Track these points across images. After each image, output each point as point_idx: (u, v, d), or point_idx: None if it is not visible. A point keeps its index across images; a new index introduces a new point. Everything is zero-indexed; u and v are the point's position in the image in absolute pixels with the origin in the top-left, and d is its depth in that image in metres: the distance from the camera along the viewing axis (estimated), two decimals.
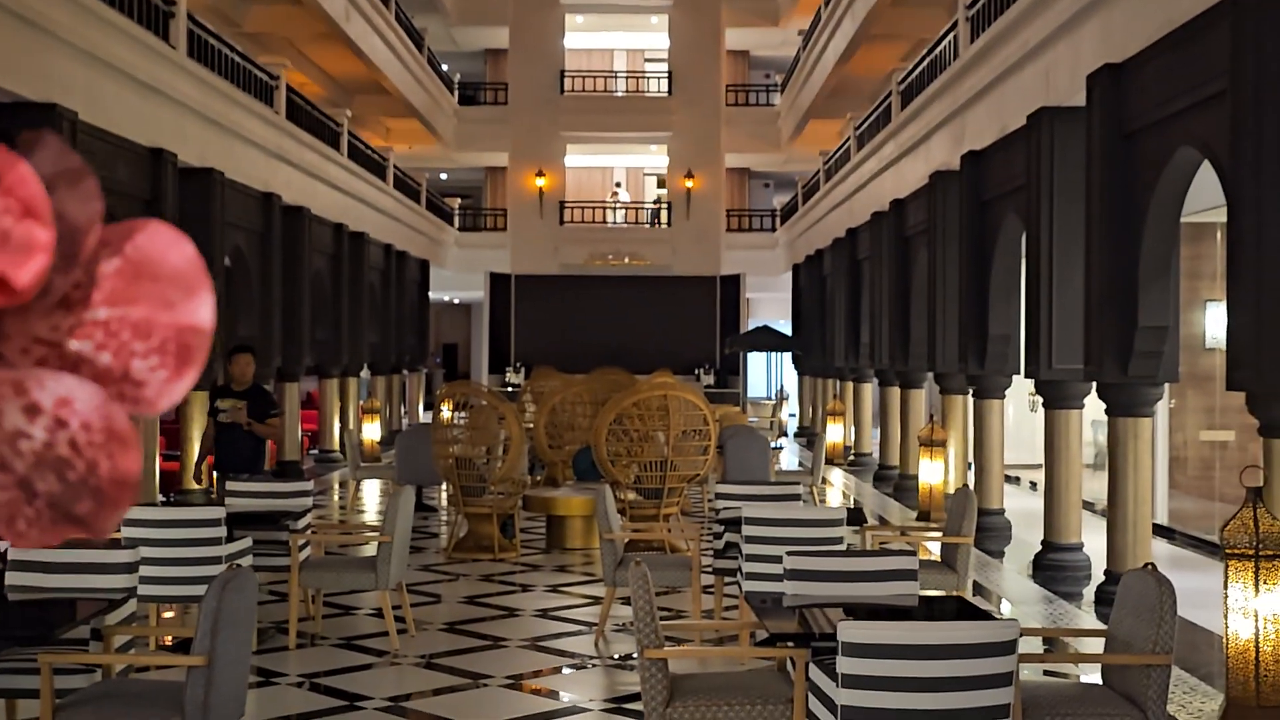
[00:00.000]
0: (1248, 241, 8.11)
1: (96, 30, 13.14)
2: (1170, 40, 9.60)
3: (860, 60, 26.90)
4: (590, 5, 37.48)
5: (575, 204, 37.75)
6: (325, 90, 30.61)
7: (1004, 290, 14.60)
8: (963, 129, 15.79)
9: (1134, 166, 10.45)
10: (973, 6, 15.50)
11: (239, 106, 18.02)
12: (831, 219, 26.63)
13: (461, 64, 40.88)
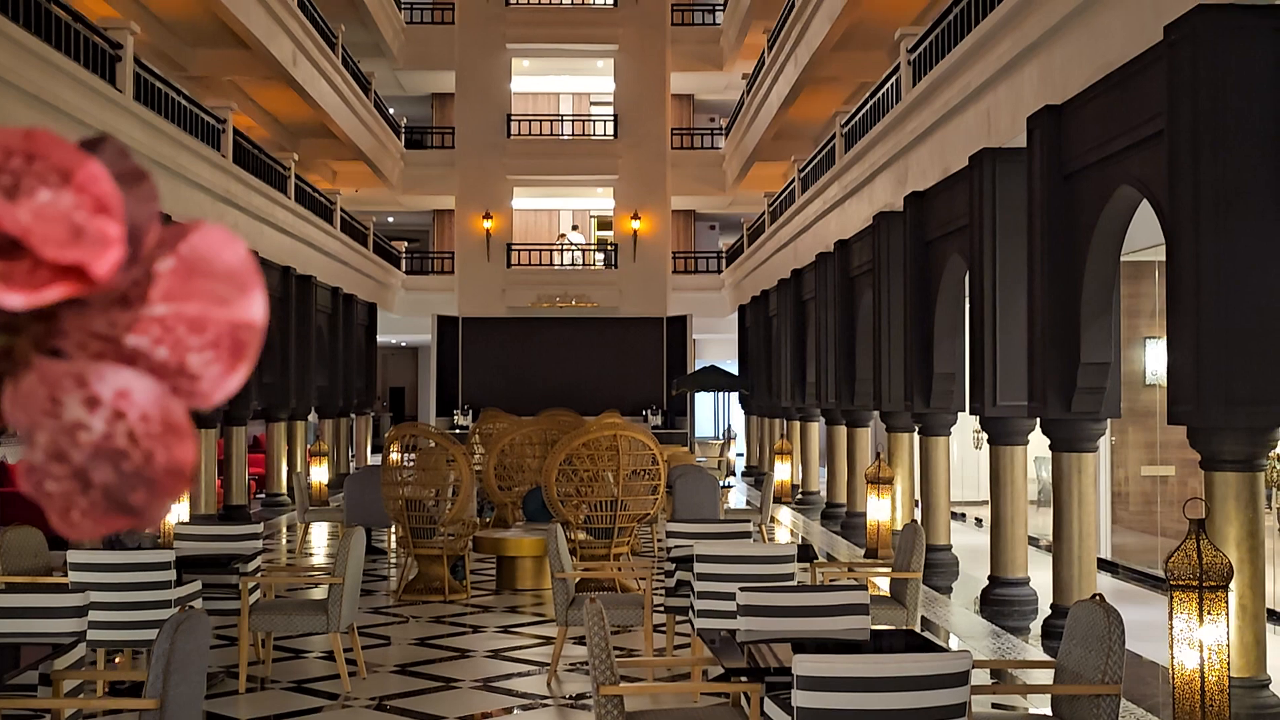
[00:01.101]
0: (1186, 279, 8.28)
1: (41, 73, 13.10)
2: (1108, 82, 9.80)
3: (804, 104, 27.21)
4: (536, 50, 37.69)
5: (522, 246, 37.81)
6: (272, 133, 30.58)
7: (948, 329, 14.77)
8: (906, 170, 15.99)
9: (1074, 206, 10.64)
10: (914, 50, 15.74)
11: (186, 150, 17.98)
12: (777, 260, 26.82)
13: (408, 108, 40.96)
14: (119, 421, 0.59)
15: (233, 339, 0.61)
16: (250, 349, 0.63)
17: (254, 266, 0.65)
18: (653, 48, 37.42)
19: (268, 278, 22.33)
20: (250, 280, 0.64)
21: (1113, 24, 9.74)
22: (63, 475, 0.59)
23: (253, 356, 0.65)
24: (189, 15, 21.70)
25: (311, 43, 26.06)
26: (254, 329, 0.63)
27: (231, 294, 0.62)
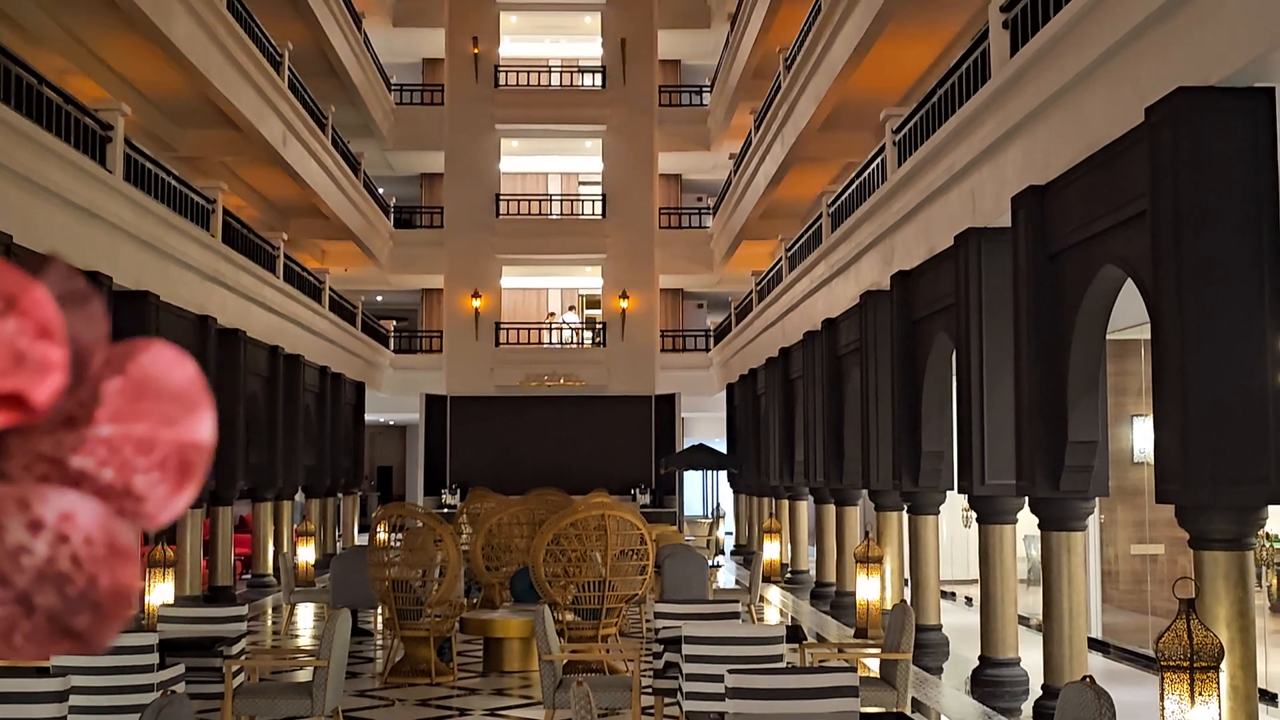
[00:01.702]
0: (1171, 358, 8.30)
1: (33, 154, 13.16)
2: (1091, 163, 9.89)
3: (791, 183, 27.41)
4: (525, 130, 38.00)
5: (511, 325, 37.87)
6: (262, 213, 30.70)
7: (936, 407, 14.77)
8: (892, 249, 16.08)
9: (1060, 285, 10.69)
10: (899, 131, 15.89)
11: (175, 230, 18.03)
12: (764, 338, 26.88)
13: (398, 188, 41.20)
14: (63, 545, 0.58)
15: (180, 460, 0.60)
16: (198, 470, 0.62)
17: (203, 386, 0.64)
18: (640, 128, 37.75)
19: (255, 357, 22.33)
20: (199, 400, 0.63)
21: (1094, 106, 9.85)
22: (5, 599, 0.58)
23: (200, 477, 0.64)
24: (180, 96, 21.85)
25: (302, 123, 26.24)
26: (202, 449, 0.62)
27: (179, 414, 0.62)
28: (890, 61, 19.56)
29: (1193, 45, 8.29)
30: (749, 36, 29.87)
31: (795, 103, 24.29)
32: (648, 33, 38.16)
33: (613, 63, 37.98)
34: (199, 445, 0.63)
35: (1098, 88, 9.78)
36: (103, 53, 20.14)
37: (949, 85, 13.72)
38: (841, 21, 19.73)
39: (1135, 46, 9.07)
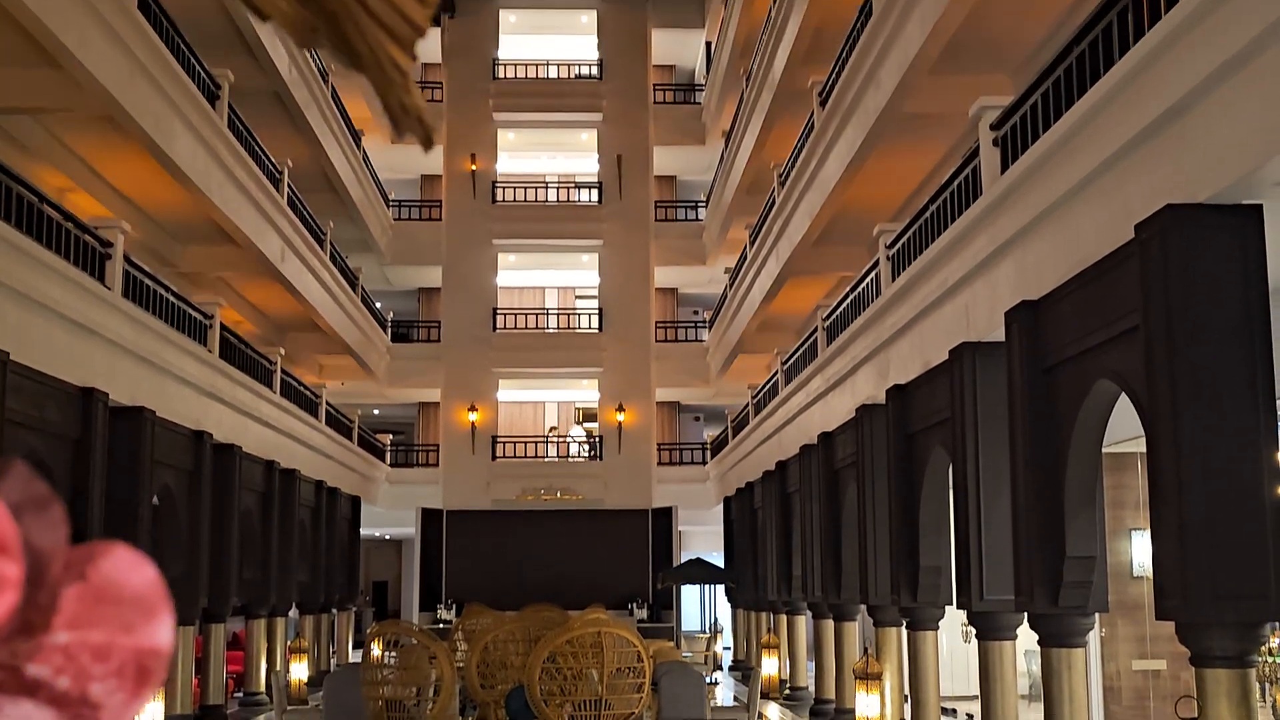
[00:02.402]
0: (1167, 472, 8.29)
1: (32, 271, 13.24)
2: (1083, 278, 9.96)
3: (786, 296, 27.56)
4: (522, 245, 38.30)
5: (507, 439, 37.83)
6: (259, 327, 30.81)
7: (933, 522, 14.71)
8: (887, 363, 16.12)
9: (1054, 399, 10.70)
10: (893, 246, 16.02)
11: (172, 345, 18.09)
12: (761, 452, 26.84)
13: (395, 302, 41.41)
14: None
15: (138, 666, 0.60)
16: (156, 675, 0.61)
17: (163, 590, 0.64)
18: (637, 243, 38.06)
19: (251, 472, 22.26)
20: (158, 605, 0.63)
21: (1085, 222, 9.94)
22: None
23: (158, 682, 0.63)
24: (180, 213, 22.03)
25: (300, 239, 26.45)
26: (160, 655, 0.62)
27: (138, 620, 0.61)
28: (883, 178, 19.78)
29: (1180, 163, 8.40)
30: (743, 153, 30.23)
31: (789, 218, 24.52)
32: (643, 149, 38.65)
33: (609, 178, 38.41)
34: (157, 651, 0.63)
35: (1088, 204, 9.88)
36: (103, 170, 20.36)
37: (941, 201, 13.87)
38: (834, 139, 19.99)
39: (1123, 164, 9.19)
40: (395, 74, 0.89)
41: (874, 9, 16.65)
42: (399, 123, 0.94)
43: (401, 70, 0.90)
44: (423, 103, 0.92)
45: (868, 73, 17.32)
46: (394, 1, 0.88)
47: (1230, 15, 7.62)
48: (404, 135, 0.98)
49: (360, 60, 0.82)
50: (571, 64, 39.30)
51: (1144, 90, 8.69)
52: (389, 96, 0.91)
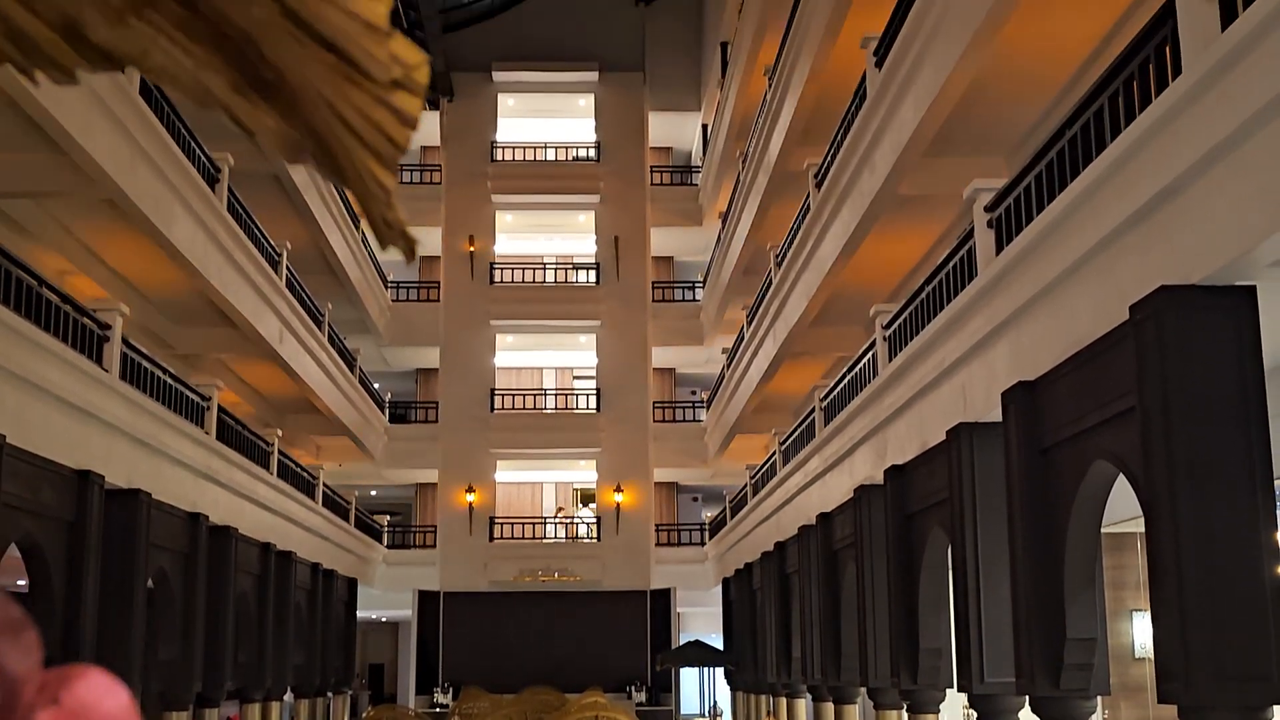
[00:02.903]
0: (1166, 553, 8.26)
1: (30, 354, 13.27)
2: (1079, 358, 9.99)
3: (783, 377, 27.57)
4: (520, 326, 38.41)
5: (505, 519, 37.68)
6: (257, 409, 30.79)
7: (933, 603, 14.62)
8: (885, 444, 16.11)
9: (1052, 480, 10.69)
10: (889, 327, 16.06)
11: (169, 427, 18.07)
12: (760, 532, 26.74)
13: (393, 383, 41.41)
14: None
15: None
16: None
17: (135, 712, 0.64)
18: (634, 323, 38.17)
19: (247, 555, 22.15)
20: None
21: (1080, 303, 9.99)
22: None
23: None
24: (178, 295, 22.11)
25: (299, 321, 26.51)
26: None
27: None
28: (879, 258, 19.88)
29: (1172, 245, 8.45)
30: (740, 234, 30.40)
31: (786, 299, 24.61)
32: (641, 230, 38.88)
33: (606, 259, 38.59)
34: None
35: (1082, 285, 9.93)
36: (103, 252, 20.45)
37: (937, 282, 13.93)
38: (830, 221, 20.11)
39: (1117, 246, 9.25)
40: (378, 190, 0.91)
41: (868, 93, 16.83)
42: (382, 236, 0.96)
43: (384, 186, 0.92)
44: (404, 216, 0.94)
45: (863, 155, 17.47)
46: (376, 121, 0.91)
47: (1219, 100, 7.71)
48: (387, 247, 1.00)
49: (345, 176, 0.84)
50: (569, 146, 39.65)
51: (1136, 173, 8.77)
52: (372, 210, 0.93)
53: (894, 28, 15.47)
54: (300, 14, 0.89)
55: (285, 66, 0.91)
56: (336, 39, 0.89)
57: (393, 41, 0.92)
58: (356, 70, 0.89)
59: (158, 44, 1.00)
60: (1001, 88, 14.00)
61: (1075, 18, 12.49)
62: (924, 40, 14.29)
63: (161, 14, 0.97)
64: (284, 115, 0.90)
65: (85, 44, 1.01)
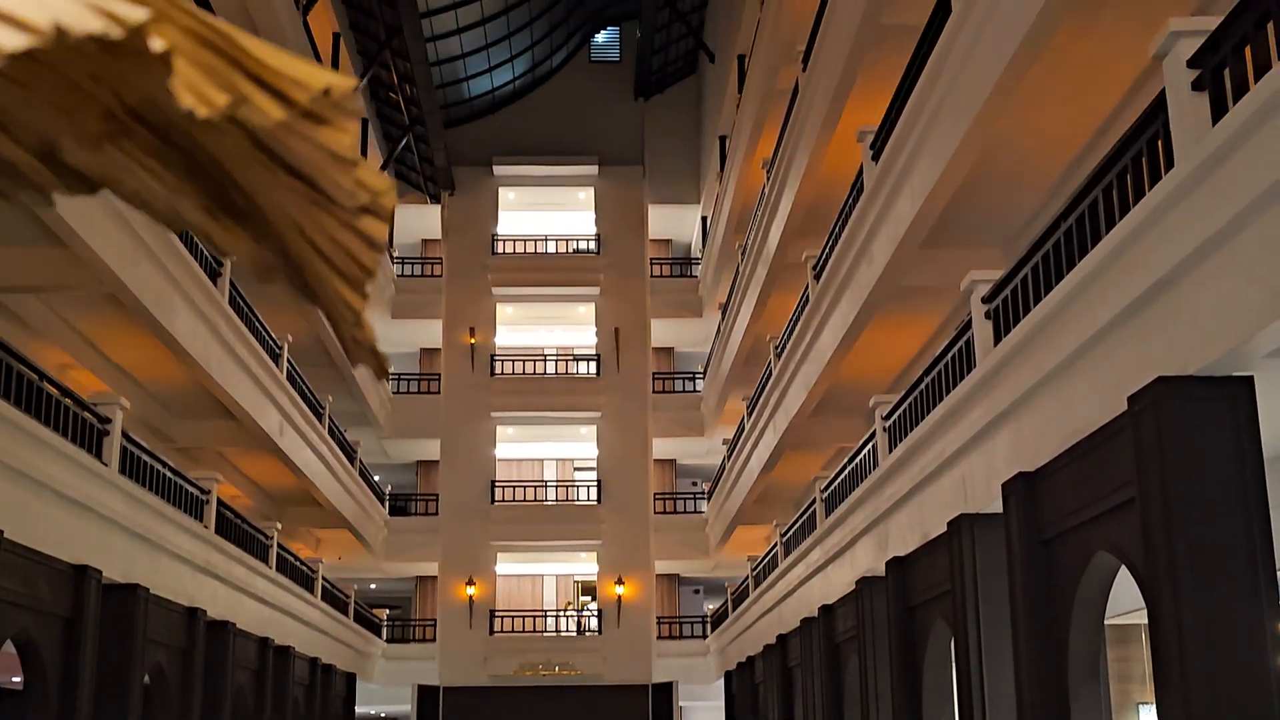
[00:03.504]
0: (1170, 645, 8.19)
1: (30, 449, 13.26)
2: (1078, 449, 9.97)
3: (784, 467, 27.50)
4: (520, 418, 38.41)
5: (505, 613, 37.40)
6: (256, 501, 30.68)
7: (936, 697, 14.48)
8: (886, 535, 16.04)
9: (1054, 571, 10.62)
10: (889, 417, 16.06)
11: (168, 521, 18.00)
12: (762, 625, 26.53)
13: (393, 475, 41.30)
14: None
15: None
16: None
17: None
18: (635, 415, 38.16)
19: (245, 649, 21.96)
20: None
21: (1078, 394, 9.99)
22: None
23: None
24: (179, 388, 22.11)
25: (299, 413, 26.50)
26: None
27: None
28: (878, 349, 19.91)
29: (1169, 336, 8.48)
30: (740, 325, 30.49)
31: (786, 390, 24.62)
32: (641, 322, 39.01)
33: (607, 351, 38.68)
34: None
35: (1080, 376, 9.94)
36: (104, 346, 20.49)
37: (936, 373, 13.94)
38: (829, 312, 20.18)
39: (1114, 337, 9.27)
40: (346, 311, 0.92)
41: (865, 185, 16.97)
42: (352, 354, 0.97)
43: (352, 307, 0.93)
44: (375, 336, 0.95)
45: (860, 247, 17.58)
46: (344, 244, 0.92)
47: (1212, 193, 7.77)
48: (357, 365, 1.01)
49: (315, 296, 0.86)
50: (570, 239, 39.90)
51: (1131, 264, 8.81)
52: (342, 330, 0.95)
53: (890, 121, 15.64)
54: (269, 145, 0.91)
55: (256, 192, 0.93)
56: (304, 168, 0.91)
57: (359, 170, 0.94)
58: (324, 197, 0.91)
59: (132, 169, 1.02)
60: (997, 180, 14.12)
61: (1069, 110, 12.63)
62: (920, 133, 14.43)
63: (136, 141, 0.99)
64: (256, 238, 0.91)
65: (62, 168, 1.03)
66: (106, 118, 1.00)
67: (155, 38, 0.96)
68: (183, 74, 0.95)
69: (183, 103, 0.94)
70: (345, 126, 0.98)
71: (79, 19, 0.96)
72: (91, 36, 0.94)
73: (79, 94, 1.01)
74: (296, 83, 0.96)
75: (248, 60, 0.97)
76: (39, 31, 0.95)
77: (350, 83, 1.01)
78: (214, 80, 0.96)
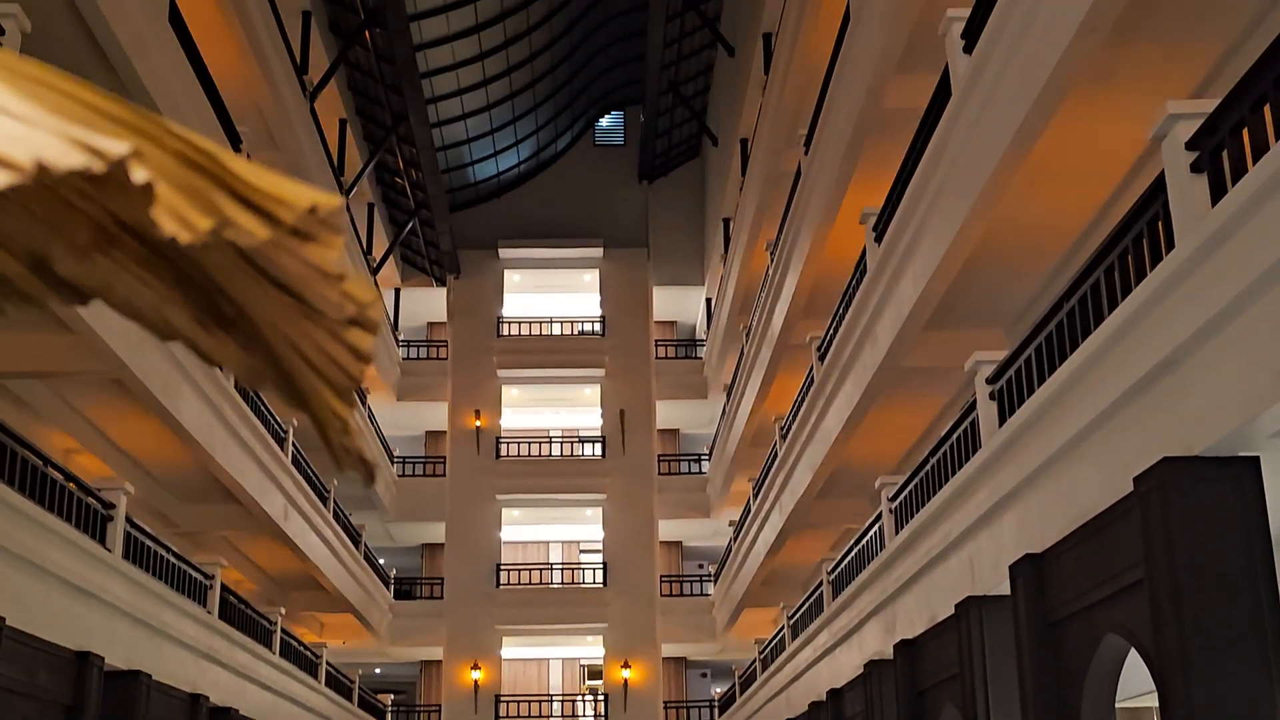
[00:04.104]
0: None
1: (33, 535, 13.22)
2: (1085, 530, 9.92)
3: (791, 549, 27.38)
4: (526, 500, 38.31)
5: (511, 698, 37.08)
6: (260, 586, 30.52)
7: None
8: (894, 617, 15.92)
9: (1063, 654, 10.53)
10: (895, 499, 16.01)
11: (171, 607, 17.90)
12: (770, 710, 26.26)
13: (398, 559, 41.14)
14: None
15: None
16: None
17: None
18: (641, 496, 38.06)
19: None
20: None
21: (1084, 474, 9.96)
22: None
23: None
24: (183, 472, 22.09)
25: (304, 497, 26.44)
26: None
27: None
28: (883, 430, 19.89)
29: (1174, 416, 8.47)
30: (745, 406, 30.49)
31: (792, 471, 24.57)
32: (646, 403, 39.02)
33: (612, 433, 38.66)
34: None
35: (1086, 457, 9.92)
36: (109, 430, 20.49)
37: (941, 454, 13.92)
38: (834, 393, 20.19)
39: (1119, 417, 9.26)
40: (334, 419, 0.93)
41: (868, 267, 17.04)
42: (340, 461, 0.98)
43: (340, 416, 0.94)
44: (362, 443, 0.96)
45: (864, 328, 17.62)
46: (331, 354, 0.93)
47: (1213, 274, 7.80)
48: (345, 471, 1.02)
49: (304, 404, 0.87)
50: (575, 321, 40.03)
51: (1134, 345, 8.83)
52: (330, 437, 0.95)
53: (892, 203, 15.74)
54: (257, 260, 0.92)
55: (244, 303, 0.94)
56: (291, 283, 0.92)
57: (346, 284, 0.96)
58: (312, 309, 0.92)
59: (122, 279, 1.03)
60: (1000, 261, 14.18)
61: (1070, 191, 12.70)
62: (922, 216, 14.51)
63: (125, 252, 1.00)
64: (245, 347, 0.92)
65: (53, 278, 1.04)
66: (95, 229, 1.02)
67: (137, 170, 0.98)
68: (165, 201, 0.97)
69: (165, 230, 0.96)
70: (331, 242, 0.99)
71: (61, 155, 0.98)
72: (74, 172, 0.96)
73: (67, 208, 1.02)
74: (282, 202, 0.98)
75: (232, 180, 0.99)
76: (21, 169, 0.97)
77: (335, 200, 1.03)
78: (197, 204, 0.97)
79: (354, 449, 0.95)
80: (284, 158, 24.31)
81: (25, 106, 1.02)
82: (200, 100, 18.42)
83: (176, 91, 17.09)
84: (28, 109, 1.02)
